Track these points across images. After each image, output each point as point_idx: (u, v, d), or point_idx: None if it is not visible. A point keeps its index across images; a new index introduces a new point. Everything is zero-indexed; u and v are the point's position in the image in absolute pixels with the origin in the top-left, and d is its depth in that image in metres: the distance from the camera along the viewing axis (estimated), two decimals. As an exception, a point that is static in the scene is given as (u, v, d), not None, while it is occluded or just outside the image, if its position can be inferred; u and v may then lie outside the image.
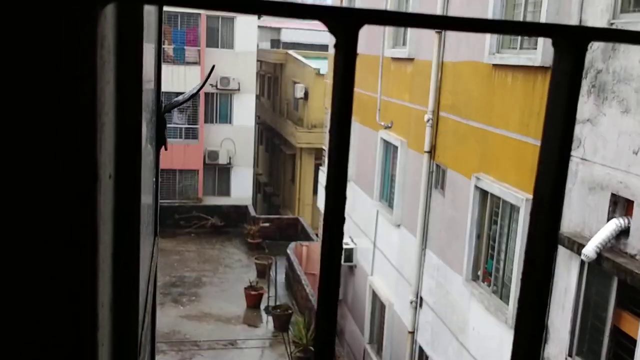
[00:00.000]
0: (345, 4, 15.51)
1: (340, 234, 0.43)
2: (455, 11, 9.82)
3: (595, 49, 6.47)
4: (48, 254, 0.55)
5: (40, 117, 0.50)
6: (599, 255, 6.09)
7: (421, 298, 10.96)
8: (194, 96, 3.72)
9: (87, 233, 0.56)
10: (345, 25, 0.40)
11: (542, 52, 7.31)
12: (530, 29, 0.51)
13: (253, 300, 18.02)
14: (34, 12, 0.47)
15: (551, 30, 0.47)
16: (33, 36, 0.48)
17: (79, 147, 0.53)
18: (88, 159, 0.54)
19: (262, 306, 18.06)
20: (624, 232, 6.05)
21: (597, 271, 6.47)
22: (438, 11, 10.12)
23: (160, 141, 1.95)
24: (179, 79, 25.00)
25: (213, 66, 4.43)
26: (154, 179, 1.98)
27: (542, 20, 7.35)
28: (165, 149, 2.02)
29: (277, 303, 17.51)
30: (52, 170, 0.53)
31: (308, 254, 18.88)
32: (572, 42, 0.45)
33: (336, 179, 0.41)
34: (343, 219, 0.43)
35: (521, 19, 8.12)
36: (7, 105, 0.49)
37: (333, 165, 0.41)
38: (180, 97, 3.57)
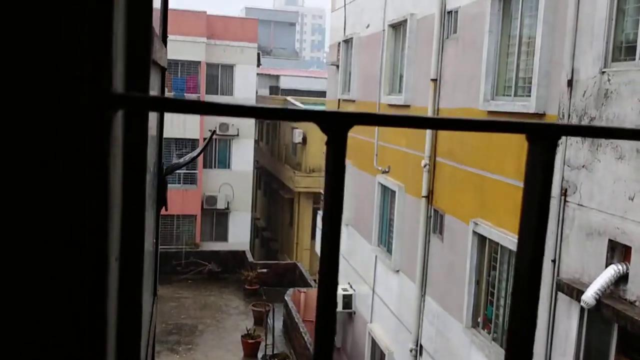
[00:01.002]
0: (342, 51, 15.81)
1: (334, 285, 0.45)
2: (450, 60, 10.01)
3: (589, 96, 6.58)
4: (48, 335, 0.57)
5: (61, 207, 0.55)
6: (599, 301, 6.06)
7: (421, 346, 10.81)
8: (194, 159, 3.81)
9: (99, 318, 0.59)
10: (336, 127, 0.44)
11: (535, 99, 7.42)
12: (505, 127, 0.55)
13: (250, 348, 17.73)
14: (59, 119, 0.52)
15: (524, 128, 0.51)
16: (56, 145, 0.53)
17: (91, 236, 0.57)
18: (101, 248, 0.57)
19: (260, 355, 17.75)
20: (622, 278, 6.03)
21: (597, 318, 6.41)
22: (433, 61, 10.31)
23: (160, 202, 1.98)
24: (179, 126, 25.25)
25: (213, 132, 4.53)
26: (154, 240, 1.99)
27: (535, 68, 7.50)
28: (166, 210, 2.05)
29: (275, 352, 17.23)
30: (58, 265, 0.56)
31: (306, 300, 18.69)
32: (544, 137, 0.49)
33: (329, 278, 0.44)
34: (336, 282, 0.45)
35: (514, 68, 8.28)
36: (21, 206, 0.53)
37: (325, 261, 0.44)
38: (181, 160, 3.64)
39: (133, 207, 0.95)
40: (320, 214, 18.31)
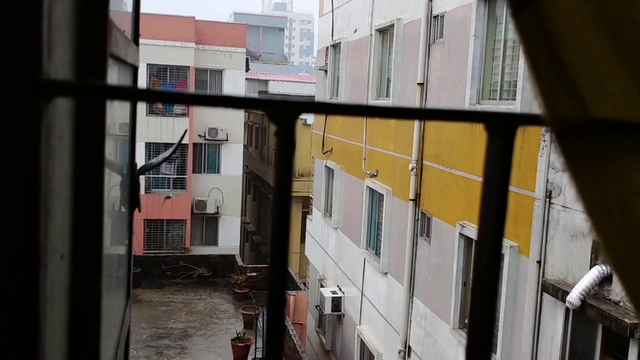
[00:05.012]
0: (330, 55, 15.88)
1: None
2: (436, 64, 10.10)
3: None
4: None
5: None
6: (583, 302, 6.13)
7: (409, 347, 10.86)
8: (167, 159, 3.75)
9: (30, 318, 0.55)
10: (284, 115, 0.45)
11: (520, 102, 7.51)
12: (464, 116, 0.55)
13: (240, 352, 17.70)
14: None
15: (483, 117, 0.51)
16: None
17: (22, 232, 0.54)
18: (30, 245, 0.54)
19: (250, 358, 17.73)
20: (607, 279, 6.11)
21: (582, 318, 6.49)
22: (420, 65, 10.40)
23: (133, 204, 1.98)
24: (167, 131, 25.20)
25: (185, 130, 4.51)
26: (127, 242, 2.00)
27: (520, 72, 7.59)
28: (139, 211, 2.06)
29: (265, 355, 17.20)
30: None
31: (295, 303, 18.67)
32: (502, 126, 0.49)
33: (278, 265, 0.46)
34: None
35: (499, 71, 8.38)
36: None
37: (275, 246, 0.46)
38: (154, 160, 3.63)
39: (87, 204, 0.93)
40: (309, 218, 18.34)
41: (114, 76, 1.40)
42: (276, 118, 0.46)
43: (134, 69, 1.90)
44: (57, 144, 0.69)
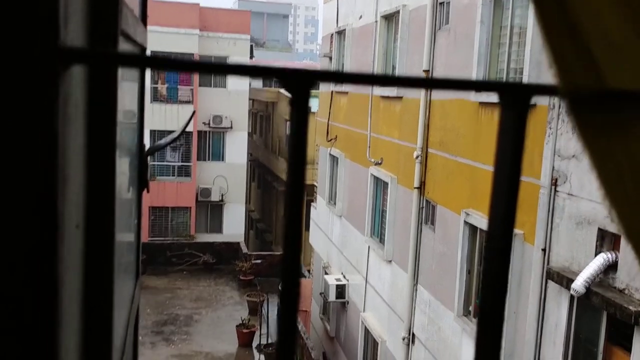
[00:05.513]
0: (335, 41, 15.81)
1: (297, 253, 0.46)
2: (442, 51, 10.04)
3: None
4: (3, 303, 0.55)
5: None
6: (588, 289, 6.13)
7: (413, 334, 10.90)
8: (176, 140, 3.76)
9: (48, 280, 0.57)
10: (299, 84, 0.45)
11: (526, 89, 7.45)
12: (477, 86, 0.54)
13: (245, 338, 17.81)
14: None
15: (497, 87, 0.50)
16: None
17: (39, 202, 0.55)
18: (48, 209, 0.55)
19: (254, 344, 17.84)
20: (612, 267, 6.10)
21: (586, 306, 6.49)
22: (425, 51, 10.34)
23: (142, 184, 1.99)
24: (172, 118, 25.19)
25: (194, 111, 4.50)
26: (136, 221, 2.01)
27: (527, 58, 7.54)
28: (147, 191, 2.07)
29: (269, 341, 17.31)
30: (7, 224, 0.54)
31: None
32: (516, 97, 0.49)
33: (292, 233, 0.45)
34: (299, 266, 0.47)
35: (505, 58, 8.32)
36: None
37: (288, 218, 0.46)
38: (162, 141, 3.64)
39: (99, 174, 0.93)
40: (314, 206, 18.35)
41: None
42: (291, 87, 0.45)
43: (142, 50, 1.90)
44: (72, 112, 0.71)
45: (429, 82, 0.51)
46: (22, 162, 0.54)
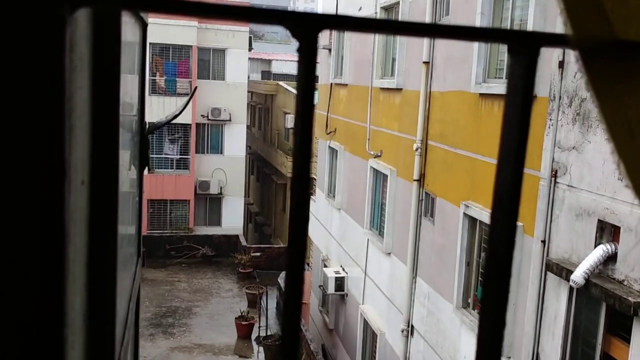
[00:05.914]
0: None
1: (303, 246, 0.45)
2: (442, 43, 10.01)
3: (580, 77, 6.61)
4: (9, 259, 0.55)
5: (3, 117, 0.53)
6: (587, 281, 6.14)
7: (412, 326, 10.93)
8: (176, 117, 3.75)
9: (55, 236, 0.57)
10: (306, 29, 0.43)
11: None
12: (484, 35, 0.52)
13: (244, 330, 17.85)
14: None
15: (504, 36, 0.49)
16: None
17: (47, 146, 0.55)
18: (56, 158, 0.55)
19: (253, 336, 17.88)
20: (611, 258, 6.11)
21: (586, 297, 6.50)
22: (425, 44, 10.31)
23: (143, 162, 1.98)
24: (171, 110, 25.07)
25: (195, 87, 4.49)
26: (138, 199, 2.00)
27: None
28: (149, 171, 2.06)
29: (269, 333, 17.36)
30: (14, 170, 0.54)
31: (299, 283, 18.78)
32: (524, 46, 0.47)
33: (301, 164, 0.45)
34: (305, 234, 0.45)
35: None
36: None
37: (297, 154, 0.45)
38: (163, 118, 3.62)
39: (104, 125, 0.93)
40: (313, 199, 18.35)
41: (127, 28, 1.39)
42: (298, 32, 0.43)
43: (144, 26, 1.88)
44: (78, 63, 0.70)
45: (435, 28, 0.50)
46: (29, 105, 0.53)
